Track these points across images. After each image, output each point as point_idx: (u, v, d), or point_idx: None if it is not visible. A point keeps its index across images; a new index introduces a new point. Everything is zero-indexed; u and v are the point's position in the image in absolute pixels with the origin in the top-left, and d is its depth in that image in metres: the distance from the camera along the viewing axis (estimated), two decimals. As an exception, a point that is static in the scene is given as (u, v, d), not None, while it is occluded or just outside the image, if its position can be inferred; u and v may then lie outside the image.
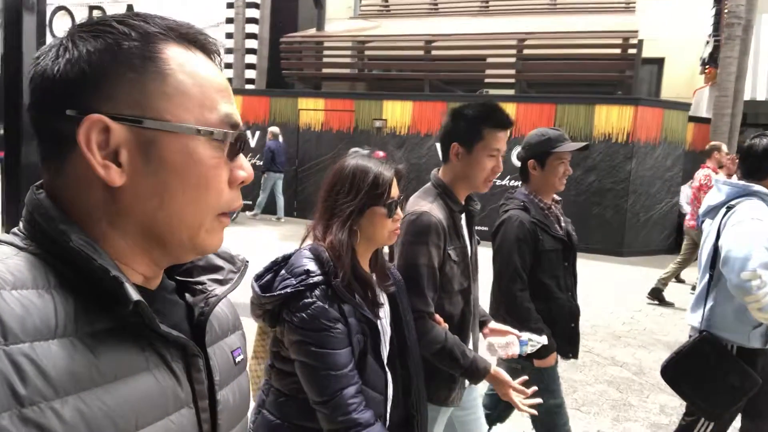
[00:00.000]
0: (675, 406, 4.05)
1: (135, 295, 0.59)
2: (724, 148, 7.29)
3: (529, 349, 2.17)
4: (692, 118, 10.79)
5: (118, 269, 0.60)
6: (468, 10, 13.95)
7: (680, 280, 7.65)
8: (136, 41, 0.61)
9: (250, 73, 13.37)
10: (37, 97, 0.62)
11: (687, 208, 9.83)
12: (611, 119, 9.28)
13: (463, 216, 2.12)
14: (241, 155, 0.68)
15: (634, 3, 12.97)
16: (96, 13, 14.75)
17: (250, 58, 13.34)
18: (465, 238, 2.09)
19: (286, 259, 1.54)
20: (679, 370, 2.63)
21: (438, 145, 9.78)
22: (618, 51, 10.87)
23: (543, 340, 2.21)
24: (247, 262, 0.81)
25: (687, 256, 6.96)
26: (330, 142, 10.90)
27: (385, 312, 1.64)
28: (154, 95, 0.61)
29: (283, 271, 1.49)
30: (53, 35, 0.54)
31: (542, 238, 2.49)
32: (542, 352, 2.29)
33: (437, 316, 1.95)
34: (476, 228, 2.19)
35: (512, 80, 11.72)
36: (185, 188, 0.63)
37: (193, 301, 0.74)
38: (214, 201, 0.66)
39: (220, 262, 0.78)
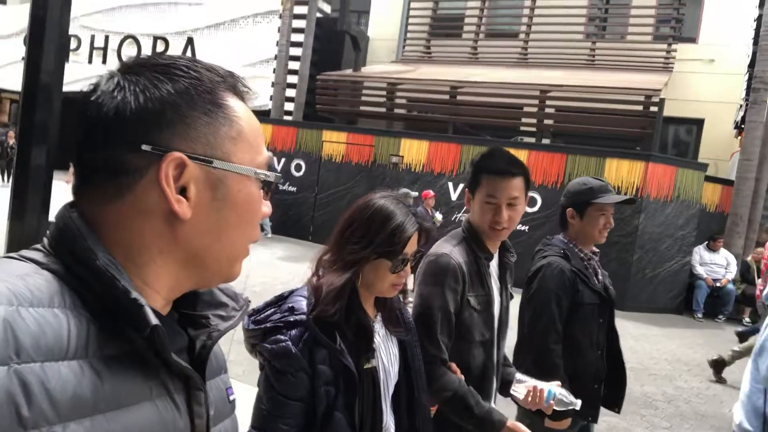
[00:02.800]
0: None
1: (154, 320, 0.60)
2: None
3: (555, 406, 1.93)
4: (718, 180, 10.59)
5: (138, 292, 0.61)
6: (506, 60, 14.33)
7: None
8: (208, 87, 0.67)
9: (290, 106, 14.24)
10: (102, 131, 0.63)
11: (699, 269, 9.65)
12: (621, 173, 9.29)
13: (494, 265, 2.02)
14: None
15: (673, 63, 12.95)
16: (160, 44, 16.23)
17: (292, 93, 14.24)
18: (491, 288, 1.96)
19: (292, 293, 1.51)
20: None
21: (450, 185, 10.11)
22: (640, 108, 10.92)
23: (576, 403, 1.95)
24: (249, 301, 0.83)
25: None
26: (349, 174, 11.43)
27: (392, 358, 1.57)
28: (224, 138, 0.67)
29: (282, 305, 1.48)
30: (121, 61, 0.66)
31: (581, 290, 2.33)
32: (559, 413, 2.02)
33: (452, 365, 1.84)
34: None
35: (533, 129, 11.94)
36: (240, 223, 0.69)
37: (195, 334, 0.74)
38: (254, 234, 0.73)
39: (224, 298, 0.79)
